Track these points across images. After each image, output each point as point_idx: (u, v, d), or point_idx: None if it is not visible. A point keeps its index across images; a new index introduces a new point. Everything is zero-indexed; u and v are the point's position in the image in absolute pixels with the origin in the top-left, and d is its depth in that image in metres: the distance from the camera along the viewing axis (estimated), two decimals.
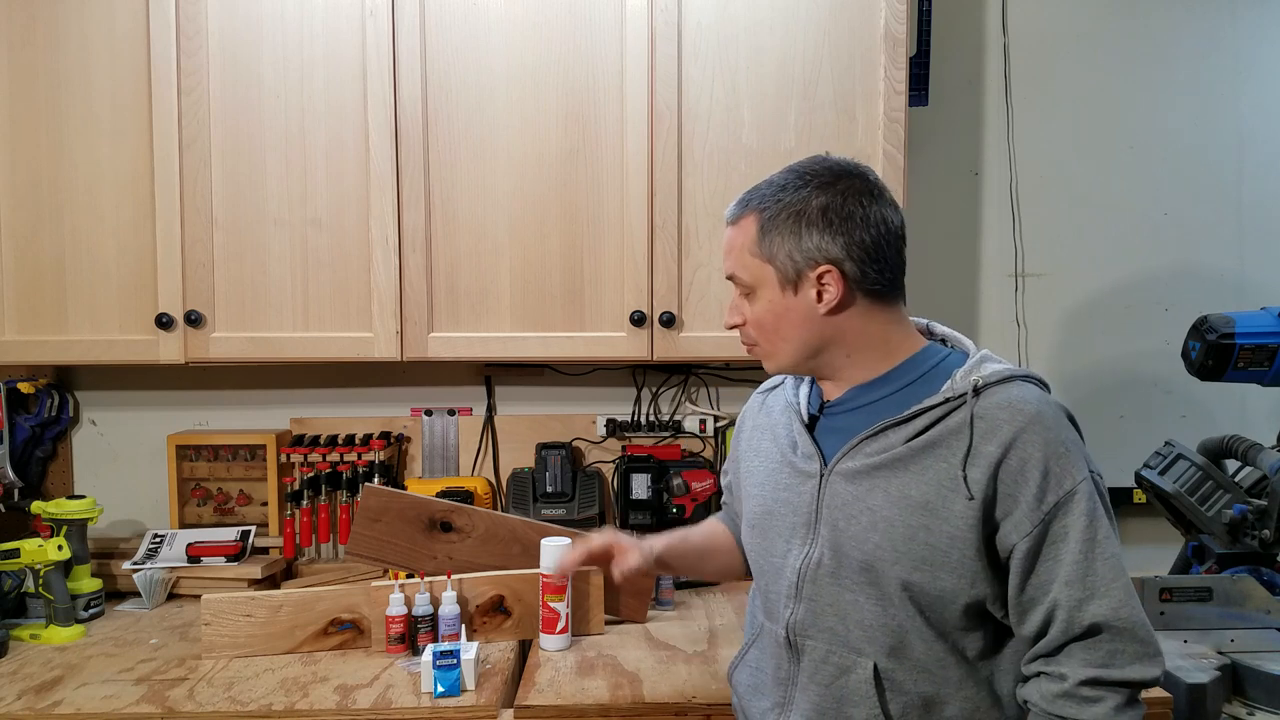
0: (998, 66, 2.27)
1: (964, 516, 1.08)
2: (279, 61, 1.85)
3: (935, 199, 2.25)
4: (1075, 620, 1.06)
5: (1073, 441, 1.10)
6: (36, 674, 1.59)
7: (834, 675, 1.15)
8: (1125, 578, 1.08)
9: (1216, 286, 2.31)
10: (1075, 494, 1.07)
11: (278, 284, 1.87)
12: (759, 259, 1.16)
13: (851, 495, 1.14)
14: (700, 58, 1.85)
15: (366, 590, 1.69)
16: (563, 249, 1.88)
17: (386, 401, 2.23)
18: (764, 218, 1.15)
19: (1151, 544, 2.27)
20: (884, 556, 1.11)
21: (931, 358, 1.18)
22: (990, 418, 1.09)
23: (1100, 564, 1.06)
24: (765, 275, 1.16)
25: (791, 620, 1.18)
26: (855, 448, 1.15)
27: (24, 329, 1.88)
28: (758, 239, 1.16)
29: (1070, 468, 1.07)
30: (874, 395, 1.17)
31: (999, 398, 1.10)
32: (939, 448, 1.10)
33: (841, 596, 1.14)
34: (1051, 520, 1.07)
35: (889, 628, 1.12)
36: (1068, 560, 1.06)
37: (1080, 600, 1.06)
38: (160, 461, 2.16)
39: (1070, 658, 1.07)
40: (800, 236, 1.13)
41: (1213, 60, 2.29)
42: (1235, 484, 1.83)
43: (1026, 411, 1.08)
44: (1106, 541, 1.07)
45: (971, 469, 1.08)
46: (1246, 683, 1.56)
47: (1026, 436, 1.07)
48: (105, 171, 1.86)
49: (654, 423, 2.23)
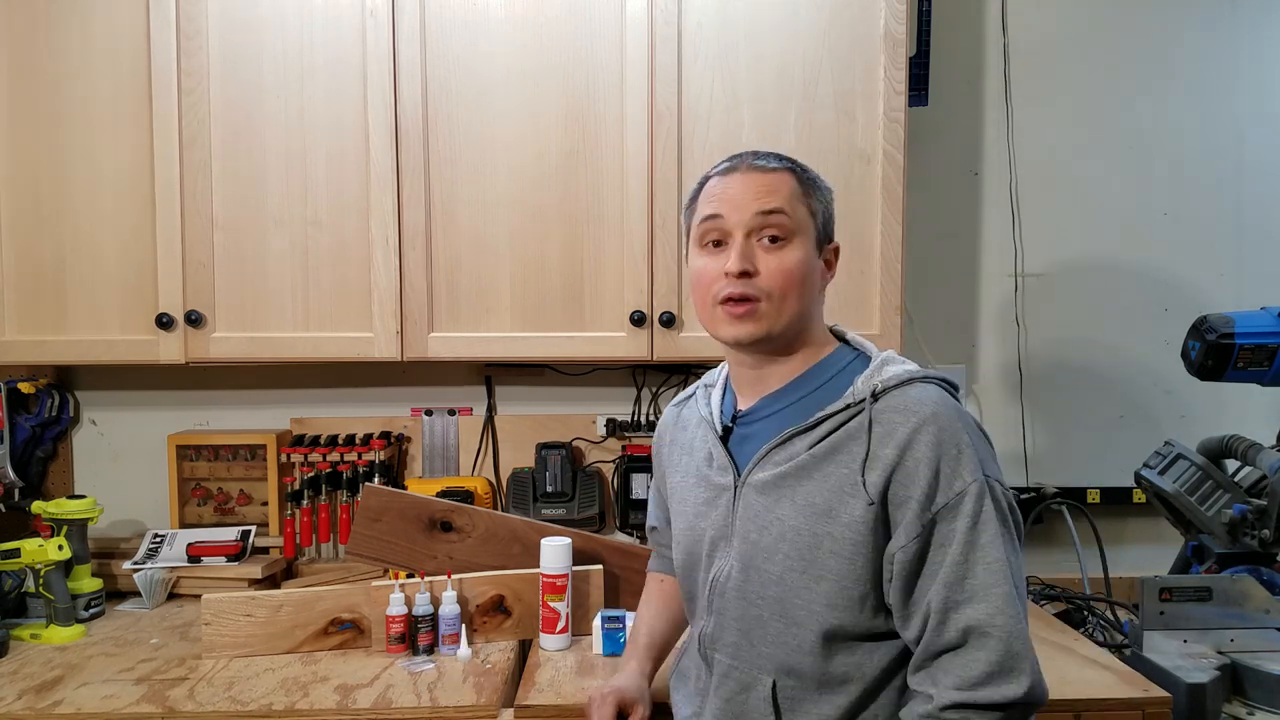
0: (998, 66, 2.27)
1: (865, 520, 1.06)
2: (279, 62, 1.85)
3: (935, 199, 2.25)
4: (949, 624, 1.02)
5: (967, 444, 1.06)
6: (37, 674, 1.59)
7: (735, 690, 1.14)
8: (1007, 586, 1.02)
9: (1216, 286, 2.31)
10: (964, 496, 1.04)
11: (278, 284, 1.87)
12: (805, 208, 1.14)
13: (762, 506, 1.13)
14: (700, 58, 1.85)
15: (367, 590, 1.69)
16: (563, 249, 1.88)
17: (386, 401, 2.23)
18: (803, 177, 1.16)
19: (1151, 544, 2.27)
20: (792, 567, 1.09)
21: (838, 362, 1.17)
22: (886, 421, 1.07)
23: (980, 568, 1.02)
24: (809, 227, 1.14)
25: (704, 633, 1.20)
26: (765, 457, 1.14)
27: (24, 329, 1.88)
28: (803, 191, 1.15)
29: (961, 470, 1.04)
30: (783, 402, 1.16)
31: (896, 400, 1.09)
32: (839, 453, 1.09)
33: (747, 611, 1.14)
34: (937, 522, 1.04)
35: (790, 646, 1.10)
36: (948, 563, 1.03)
37: (956, 603, 1.02)
38: (160, 461, 2.16)
39: (944, 673, 1.03)
40: (830, 206, 1.19)
41: (1213, 60, 2.29)
42: (1235, 484, 1.83)
43: (921, 413, 1.06)
44: (990, 546, 1.03)
45: (870, 473, 1.06)
46: (1246, 683, 1.56)
47: (919, 437, 1.05)
48: (105, 171, 1.86)
49: (654, 423, 2.23)
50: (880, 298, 1.84)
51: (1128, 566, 2.24)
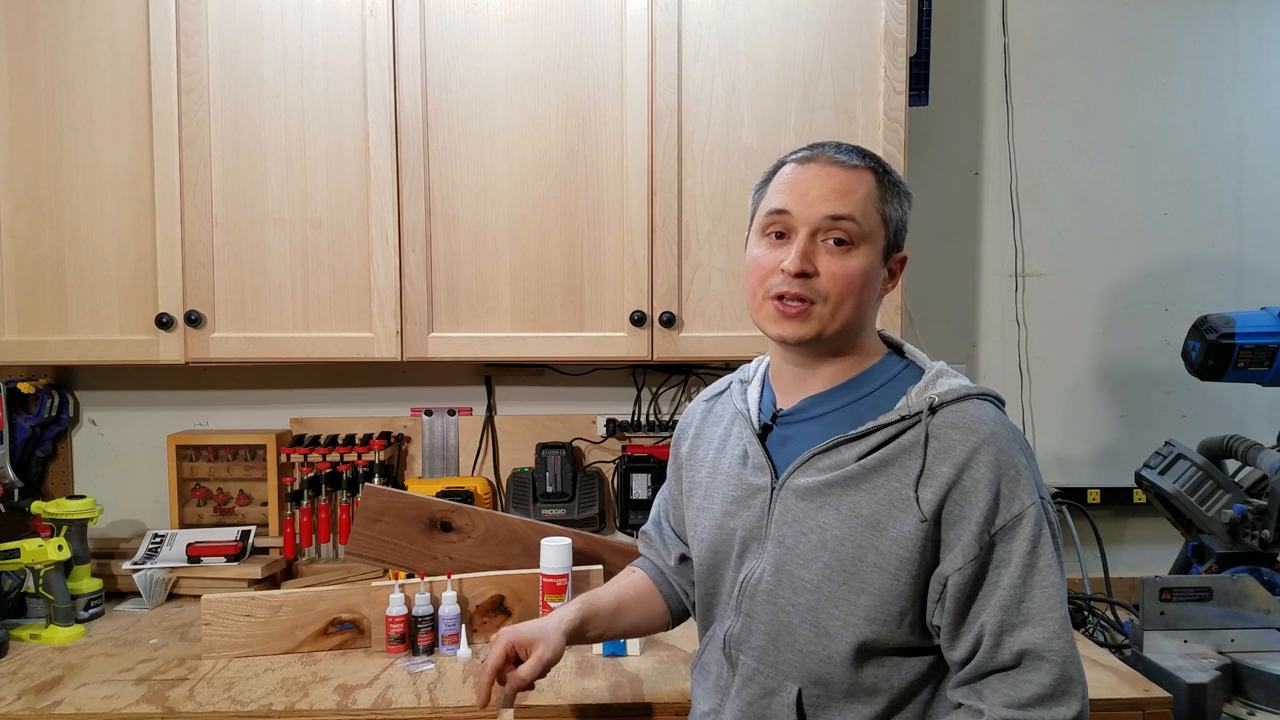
0: (998, 66, 2.27)
1: (914, 537, 1.04)
2: (279, 61, 1.85)
3: (935, 199, 2.25)
4: (1004, 646, 1.01)
5: (1024, 465, 1.05)
6: (36, 674, 1.59)
7: (758, 694, 1.13)
8: (1063, 610, 1.03)
9: (1216, 286, 2.31)
10: (1022, 518, 1.03)
11: (278, 284, 1.87)
12: (879, 215, 1.11)
13: (802, 512, 1.11)
14: (700, 57, 1.85)
15: (366, 590, 1.69)
16: (563, 249, 1.88)
17: (386, 401, 2.23)
18: (885, 180, 1.12)
19: (1151, 544, 2.27)
20: (831, 577, 1.07)
21: (889, 370, 1.15)
22: (944, 437, 1.05)
23: (1038, 591, 1.02)
24: (879, 234, 1.11)
25: (729, 633, 1.17)
26: (807, 462, 1.12)
27: (24, 329, 1.88)
28: (881, 195, 1.11)
29: (1020, 491, 1.03)
30: (829, 406, 1.14)
31: (954, 416, 1.06)
32: (892, 466, 1.07)
33: (776, 616, 1.12)
34: (995, 544, 1.03)
35: (819, 655, 1.09)
36: (1005, 585, 1.02)
37: (1012, 626, 1.01)
38: (160, 461, 2.16)
39: (992, 691, 1.02)
40: (906, 214, 1.15)
41: (1213, 60, 2.29)
42: (1235, 484, 1.83)
43: (981, 432, 1.05)
44: (1048, 570, 1.03)
45: (924, 489, 1.04)
46: (1246, 683, 1.57)
47: (979, 457, 1.04)
48: (105, 171, 1.86)
49: (654, 423, 2.23)
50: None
51: (1128, 566, 2.24)
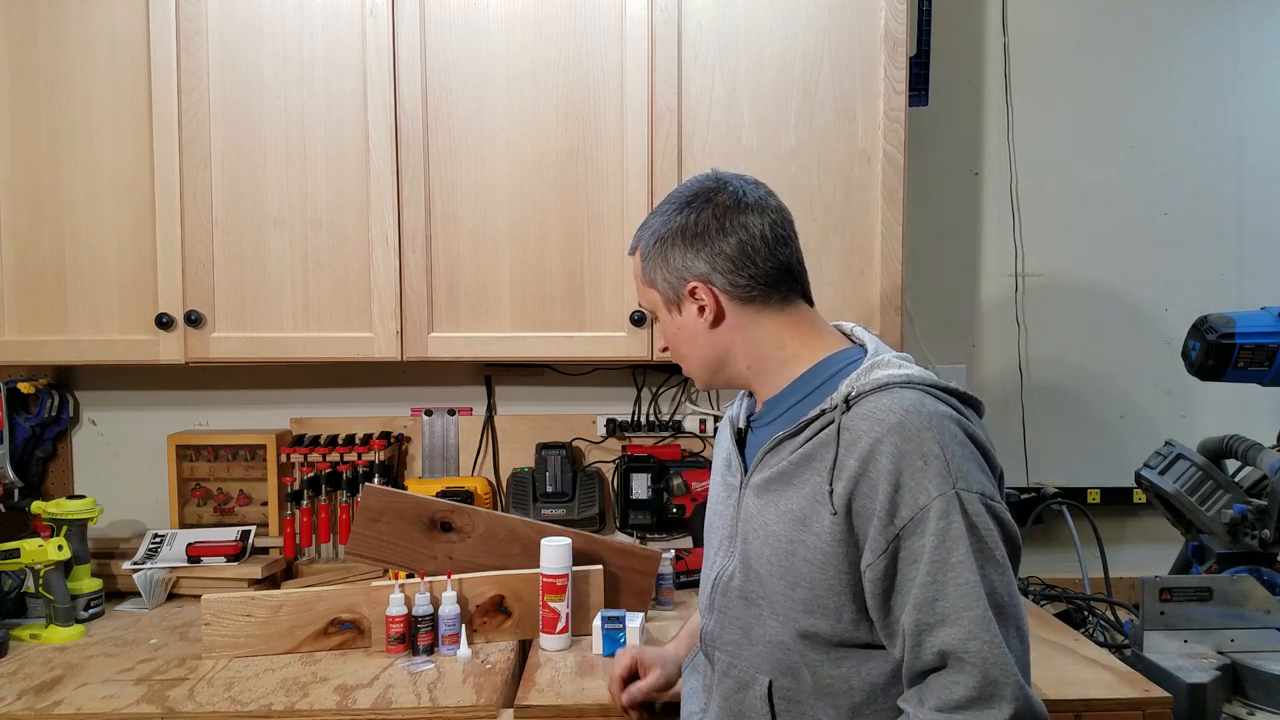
0: (998, 66, 2.27)
1: (832, 532, 1.04)
2: (279, 61, 1.85)
3: (935, 199, 2.25)
4: (924, 646, 0.99)
5: (935, 455, 1.00)
6: (36, 674, 1.59)
7: (733, 689, 1.15)
8: (981, 608, 0.97)
9: (1216, 286, 2.31)
10: (928, 511, 0.99)
11: (278, 284, 1.87)
12: (646, 285, 1.22)
13: (756, 509, 1.14)
14: (700, 57, 1.85)
15: (366, 590, 1.69)
16: (563, 249, 1.87)
17: (386, 401, 2.23)
18: (642, 248, 1.22)
19: (1151, 544, 2.27)
20: (774, 571, 1.10)
21: (832, 366, 1.15)
22: (854, 429, 1.04)
23: (952, 589, 0.98)
24: (654, 300, 1.22)
25: (706, 630, 1.22)
26: (761, 461, 1.15)
27: (24, 329, 1.88)
28: (642, 268, 1.22)
29: (925, 483, 0.99)
30: (782, 407, 1.17)
31: (866, 408, 1.05)
32: (814, 461, 1.07)
33: (746, 611, 1.15)
34: (903, 539, 1.00)
35: (785, 646, 1.10)
36: (918, 582, 0.99)
37: (929, 625, 0.98)
38: (160, 461, 2.16)
39: (930, 693, 1.00)
40: (668, 259, 1.18)
41: (1213, 60, 2.29)
42: (1235, 484, 1.83)
43: (886, 421, 1.02)
44: (961, 566, 0.98)
45: (836, 483, 1.04)
46: (1246, 683, 1.56)
47: (881, 448, 1.01)
48: (105, 171, 1.86)
49: (654, 423, 2.23)
50: (880, 298, 1.84)
51: (1128, 566, 2.23)
